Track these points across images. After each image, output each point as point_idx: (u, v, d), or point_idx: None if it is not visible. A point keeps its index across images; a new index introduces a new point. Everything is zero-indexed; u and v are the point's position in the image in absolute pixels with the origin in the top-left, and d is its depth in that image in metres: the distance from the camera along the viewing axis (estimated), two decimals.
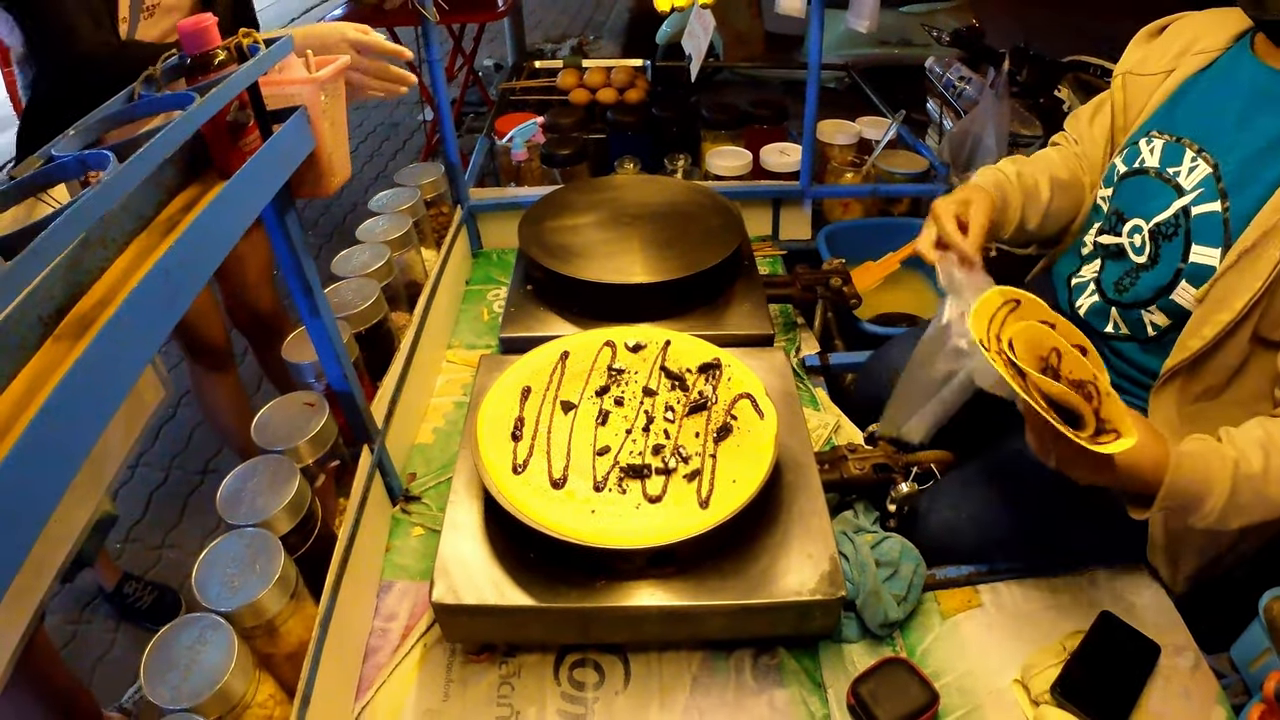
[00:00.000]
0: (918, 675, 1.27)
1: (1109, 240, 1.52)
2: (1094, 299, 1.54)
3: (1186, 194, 1.38)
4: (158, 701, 1.03)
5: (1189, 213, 1.37)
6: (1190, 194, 1.37)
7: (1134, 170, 1.50)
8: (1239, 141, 1.35)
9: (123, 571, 2.65)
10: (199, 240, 0.91)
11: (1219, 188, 1.34)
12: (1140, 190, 1.47)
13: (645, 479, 1.30)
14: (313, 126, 1.15)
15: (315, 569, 1.28)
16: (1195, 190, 1.37)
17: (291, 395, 1.47)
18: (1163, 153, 1.45)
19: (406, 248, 1.97)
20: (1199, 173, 1.38)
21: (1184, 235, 1.37)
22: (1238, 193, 1.32)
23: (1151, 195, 1.44)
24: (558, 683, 1.32)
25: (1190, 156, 1.40)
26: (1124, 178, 1.52)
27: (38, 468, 0.66)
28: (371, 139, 6.00)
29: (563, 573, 1.26)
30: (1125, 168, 1.52)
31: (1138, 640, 1.30)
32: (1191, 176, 1.39)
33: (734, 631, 1.31)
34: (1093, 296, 1.55)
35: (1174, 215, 1.39)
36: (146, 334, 0.82)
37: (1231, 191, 1.33)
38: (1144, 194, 1.46)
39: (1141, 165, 1.48)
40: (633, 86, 3.02)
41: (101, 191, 0.76)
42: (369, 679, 1.34)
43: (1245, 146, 1.34)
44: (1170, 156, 1.44)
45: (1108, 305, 1.51)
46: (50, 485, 0.68)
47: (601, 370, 1.49)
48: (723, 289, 1.86)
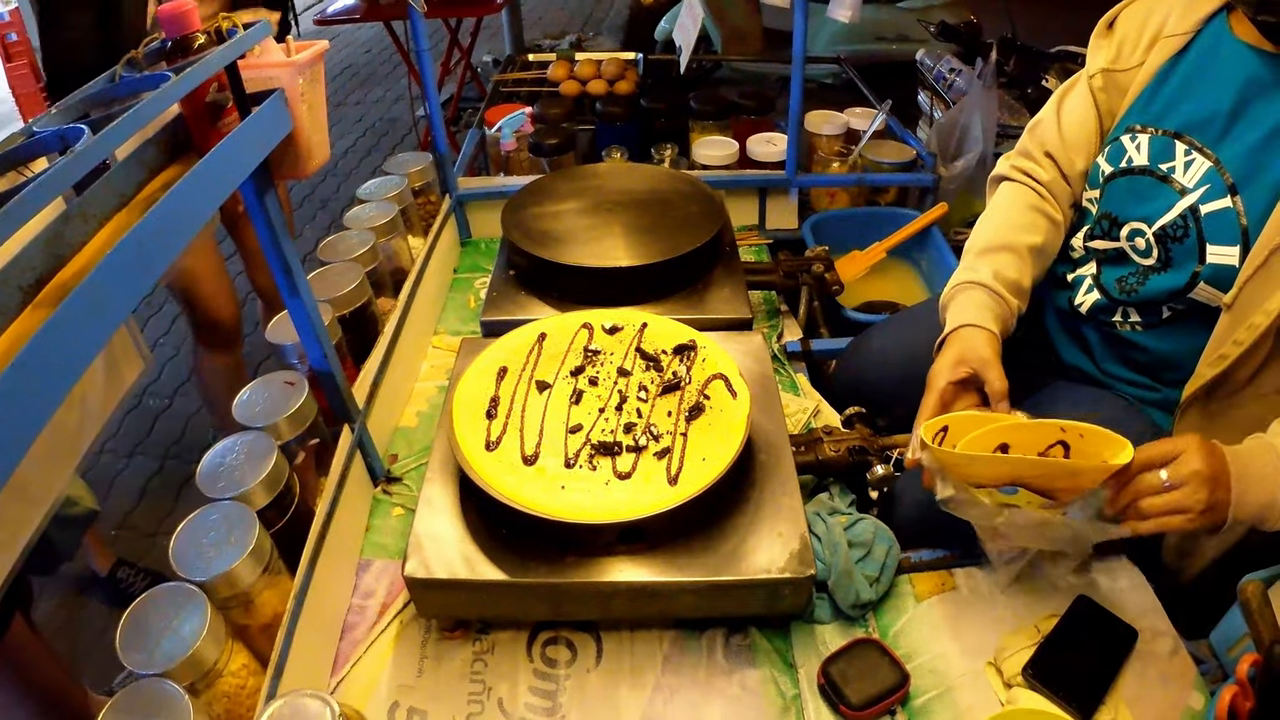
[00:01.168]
0: (888, 655, 1.28)
1: (1103, 245, 1.50)
2: (1096, 297, 1.52)
3: (1191, 192, 1.34)
4: (130, 666, 1.05)
5: (1197, 212, 1.33)
6: (1195, 192, 1.34)
7: (1122, 170, 1.45)
8: (1238, 132, 1.32)
9: (116, 557, 2.67)
10: (173, 213, 0.92)
11: (1226, 182, 1.31)
12: (1133, 191, 1.43)
13: (616, 456, 1.31)
14: (290, 108, 1.16)
15: (293, 544, 1.30)
16: (1200, 187, 1.33)
17: (273, 374, 1.49)
18: (1150, 149, 1.41)
19: (393, 234, 1.98)
20: (1198, 167, 1.34)
21: (1196, 236, 1.34)
22: (1248, 186, 1.29)
23: (1149, 196, 1.40)
24: (530, 660, 1.33)
25: (1183, 150, 1.37)
26: (1111, 178, 1.48)
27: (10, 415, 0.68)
28: (370, 134, 6.01)
29: (534, 548, 1.27)
30: (1111, 168, 1.47)
31: (1114, 624, 1.30)
32: (1191, 173, 1.35)
33: (704, 609, 1.33)
34: (1093, 294, 1.52)
35: (1180, 216, 1.35)
36: (119, 299, 0.83)
37: (1241, 185, 1.29)
38: (1139, 195, 1.42)
39: (1130, 164, 1.44)
40: (623, 79, 3.03)
41: (74, 160, 0.78)
42: (345, 655, 1.36)
43: (1246, 137, 1.30)
44: (1160, 152, 1.40)
45: (1114, 304, 1.49)
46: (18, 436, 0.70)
47: (578, 351, 1.50)
48: (702, 274, 1.87)
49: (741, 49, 4.79)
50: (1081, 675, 1.24)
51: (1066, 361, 1.63)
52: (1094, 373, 1.58)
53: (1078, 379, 1.61)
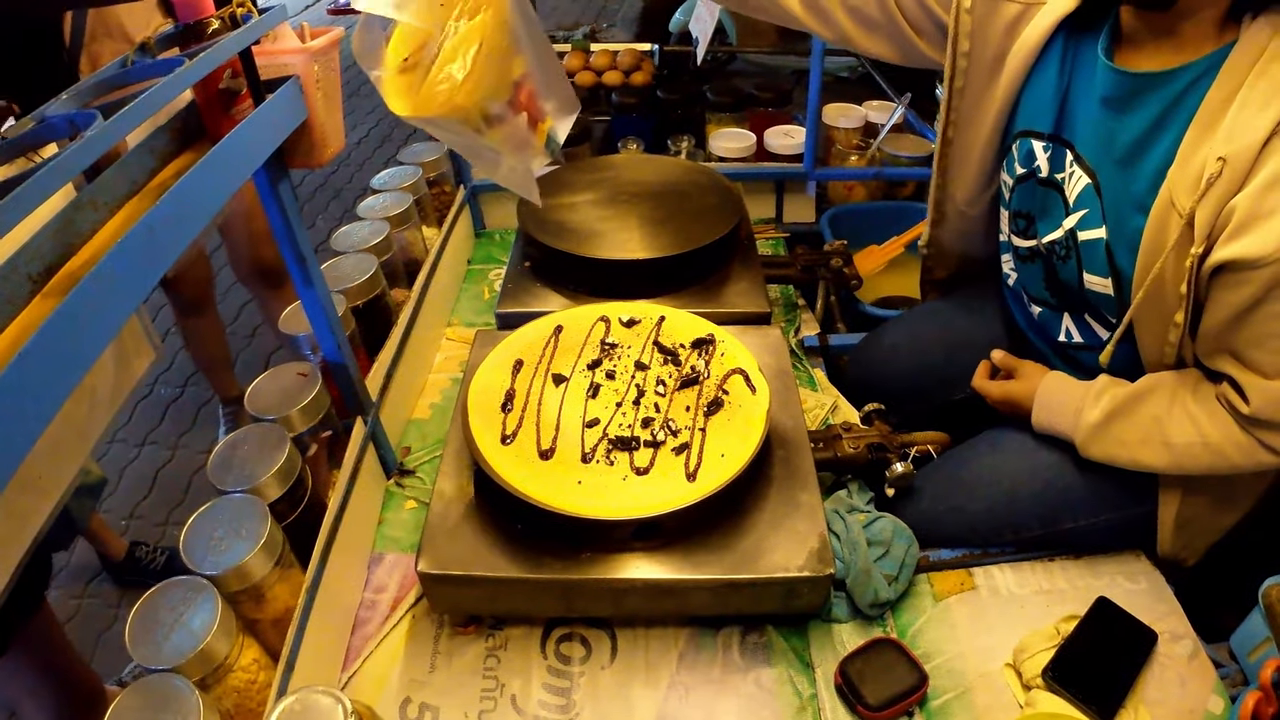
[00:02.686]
0: (907, 656, 1.27)
1: (1020, 243, 1.50)
2: (1039, 308, 1.52)
3: (1072, 212, 1.33)
4: (140, 661, 1.03)
5: (1076, 236, 1.33)
6: (1076, 213, 1.33)
7: (1027, 175, 1.43)
8: (1105, 149, 1.28)
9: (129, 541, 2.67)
10: (185, 201, 0.91)
11: (1101, 208, 1.29)
12: (1034, 195, 1.43)
13: (633, 451, 1.29)
14: (305, 96, 1.15)
15: (305, 537, 1.28)
16: (1080, 210, 1.32)
17: (285, 365, 1.47)
18: (1049, 157, 1.38)
19: (406, 224, 1.97)
20: (1079, 183, 1.32)
21: (1075, 260, 1.35)
22: (1113, 214, 1.27)
23: (1045, 206, 1.41)
24: (544, 656, 1.32)
25: (1070, 160, 1.34)
26: (1023, 179, 1.45)
27: (15, 409, 0.67)
28: (383, 124, 6.01)
29: (549, 544, 1.26)
30: (1023, 169, 1.44)
31: (1134, 627, 1.29)
32: (1074, 186, 1.33)
33: (720, 607, 1.31)
34: (1035, 306, 1.53)
35: (1064, 236, 1.35)
36: (129, 288, 0.82)
37: (1109, 214, 1.27)
38: (1040, 202, 1.42)
39: (1034, 168, 1.41)
40: (639, 70, 3.01)
41: (84, 145, 0.77)
42: (357, 649, 1.35)
43: (1111, 156, 1.27)
44: (1056, 161, 1.38)
45: (1056, 314, 1.48)
46: (27, 427, 0.69)
47: (595, 344, 1.49)
48: (720, 267, 1.85)
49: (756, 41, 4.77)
50: (1102, 678, 1.23)
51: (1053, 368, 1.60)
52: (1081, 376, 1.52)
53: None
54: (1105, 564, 1.43)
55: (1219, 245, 1.10)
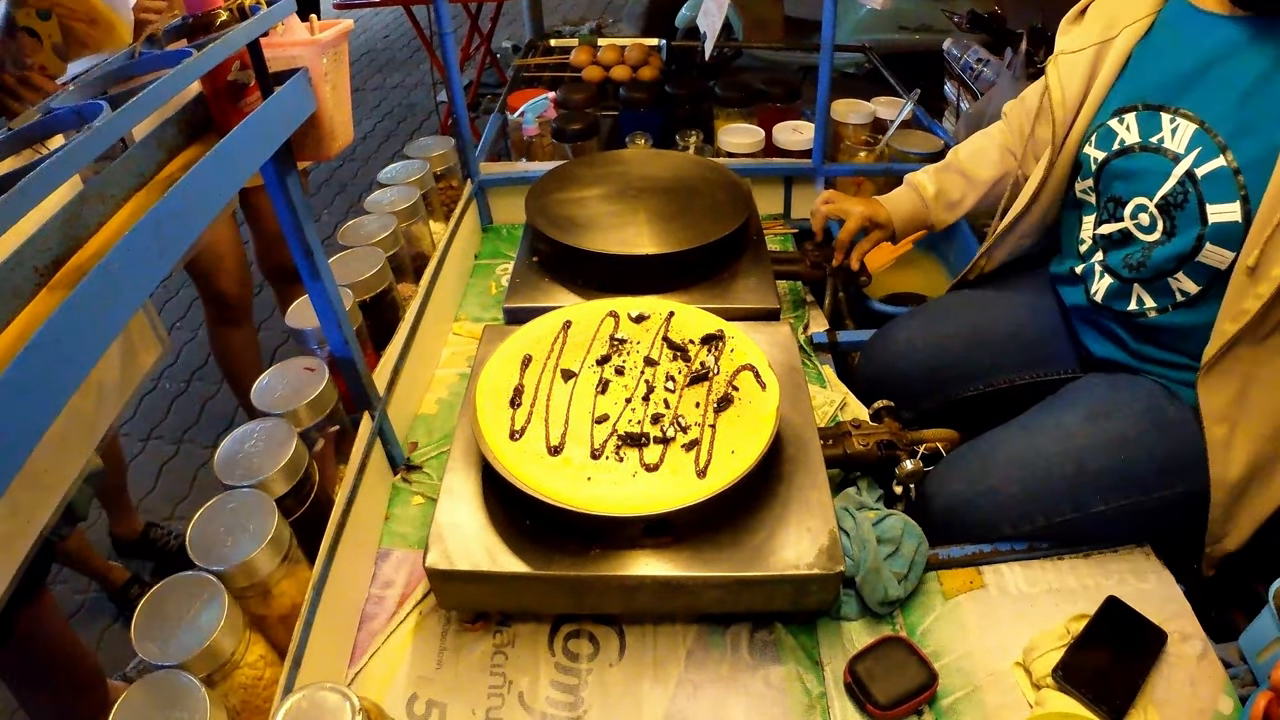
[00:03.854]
0: (916, 654, 1.26)
1: (1109, 229, 1.51)
2: (1109, 282, 1.53)
3: (1183, 158, 1.36)
4: (146, 657, 1.03)
5: (1194, 175, 1.35)
6: (1188, 156, 1.36)
7: (1117, 152, 1.48)
8: (1217, 92, 1.35)
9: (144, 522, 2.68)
10: (192, 194, 0.90)
11: (1215, 141, 1.33)
12: (1131, 169, 1.46)
13: (643, 447, 1.28)
14: (314, 88, 1.14)
15: (311, 533, 1.28)
16: (1191, 150, 1.36)
17: (292, 360, 1.47)
18: (1139, 125, 1.45)
19: (414, 219, 1.96)
20: (1185, 131, 1.37)
21: (1196, 199, 1.35)
22: (1237, 142, 1.31)
23: (1146, 171, 1.43)
24: (552, 653, 1.32)
25: (1168, 120, 1.40)
26: (1106, 163, 1.50)
27: (20, 404, 0.66)
28: (388, 119, 6.01)
29: (558, 540, 1.25)
30: (1103, 153, 1.51)
31: (1144, 626, 1.28)
32: (1178, 138, 1.38)
33: (730, 605, 1.30)
34: (1105, 279, 1.53)
35: (1179, 182, 1.37)
36: (136, 282, 0.81)
37: (1231, 143, 1.31)
38: (1137, 172, 1.45)
39: (1122, 146, 1.47)
40: (646, 64, 3.00)
41: (92, 137, 0.76)
42: (364, 645, 1.34)
43: (1226, 96, 1.33)
44: (1148, 127, 1.43)
45: (1126, 285, 1.49)
46: (32, 423, 0.68)
47: (603, 340, 1.48)
48: (729, 262, 1.85)
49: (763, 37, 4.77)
50: (1111, 678, 1.22)
51: (1098, 355, 1.63)
52: (1128, 360, 1.57)
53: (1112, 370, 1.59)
54: (1115, 562, 1.42)
55: None
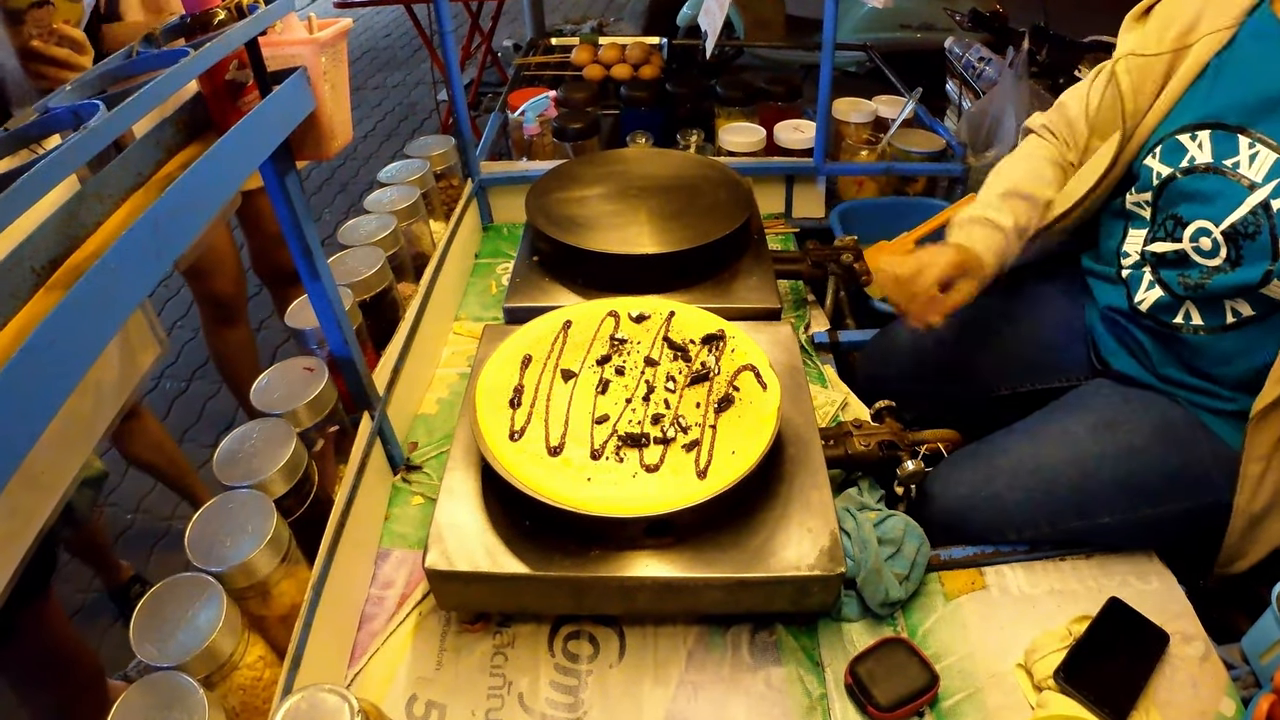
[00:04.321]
0: (918, 656, 1.25)
1: (1164, 248, 1.45)
2: (1159, 294, 1.47)
3: (1260, 187, 1.30)
4: (145, 659, 1.02)
5: (1270, 207, 1.29)
6: (1265, 186, 1.29)
7: (1184, 170, 1.41)
8: None
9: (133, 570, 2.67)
10: (190, 193, 0.89)
11: None
12: (1199, 190, 1.39)
13: (643, 448, 1.28)
14: (313, 87, 1.14)
15: (311, 533, 1.28)
16: (1270, 181, 1.29)
17: (292, 360, 1.47)
18: (1213, 145, 1.38)
19: (414, 218, 1.96)
20: (1265, 160, 1.30)
21: (1269, 233, 1.29)
22: None
23: (1215, 194, 1.36)
24: (551, 654, 1.31)
25: (1247, 144, 1.33)
26: (1170, 180, 1.44)
27: (16, 405, 0.66)
28: (389, 118, 6.01)
29: (558, 541, 1.25)
30: (1169, 168, 1.44)
31: (1146, 628, 1.28)
32: (1257, 166, 1.31)
33: (731, 606, 1.29)
34: (1155, 291, 1.47)
35: (1251, 212, 1.31)
36: (133, 282, 0.81)
37: None
38: (1204, 194, 1.38)
39: (1192, 164, 1.40)
40: (647, 63, 3.00)
41: (88, 136, 0.75)
42: (363, 646, 1.34)
43: None
44: (1223, 148, 1.36)
45: (1178, 301, 1.44)
46: (29, 424, 0.68)
47: (604, 340, 1.48)
48: (730, 262, 1.84)
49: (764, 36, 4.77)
50: (1114, 679, 1.21)
51: (1114, 368, 1.58)
52: (1148, 378, 1.52)
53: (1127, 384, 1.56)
54: (1117, 564, 1.42)
55: None
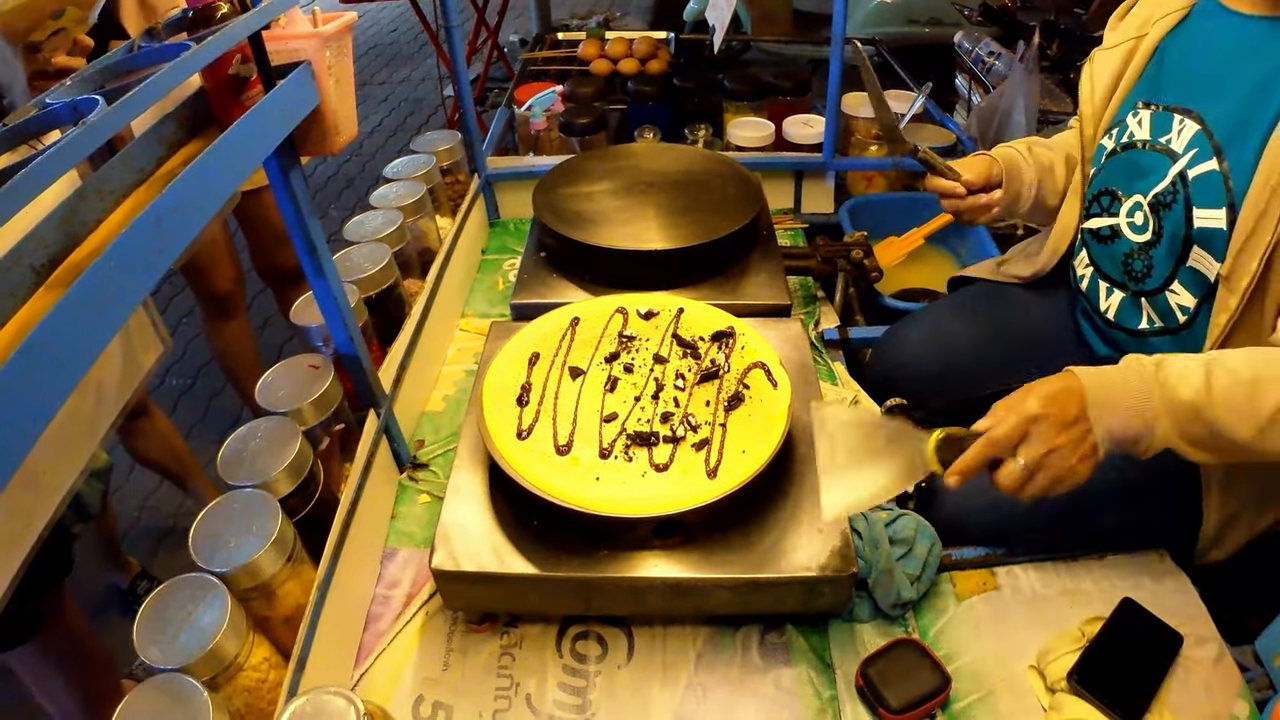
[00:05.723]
0: (930, 658, 1.24)
1: (1098, 224, 1.49)
2: (1118, 295, 1.48)
3: (1181, 157, 1.33)
4: (148, 660, 1.02)
5: (1186, 177, 1.31)
6: (1185, 156, 1.32)
7: (1124, 145, 1.45)
8: (1224, 94, 1.30)
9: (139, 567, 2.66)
10: (192, 188, 0.89)
11: (1212, 144, 1.29)
12: (1132, 165, 1.43)
13: (652, 447, 1.27)
14: (317, 82, 1.13)
15: (316, 533, 1.27)
16: (1189, 151, 1.32)
17: (297, 357, 1.46)
18: (1152, 124, 1.41)
19: (420, 214, 1.95)
20: (1188, 132, 1.33)
21: (1183, 201, 1.31)
22: (1232, 147, 1.27)
23: (1146, 169, 1.39)
24: (559, 655, 1.30)
25: (1178, 120, 1.36)
26: (1112, 155, 1.48)
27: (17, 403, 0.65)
28: (394, 114, 6.00)
29: (566, 541, 1.24)
30: (1112, 144, 1.48)
31: (1159, 629, 1.26)
32: (1182, 138, 1.34)
33: (740, 606, 1.28)
34: (1114, 294, 1.48)
35: (1171, 183, 1.34)
36: (135, 279, 0.80)
37: (1226, 147, 1.27)
38: (1138, 169, 1.41)
39: (1130, 139, 1.44)
40: (655, 58, 2.99)
41: (86, 132, 0.75)
42: (369, 646, 1.33)
43: (1231, 98, 1.29)
44: (1160, 126, 1.39)
45: (1136, 297, 1.44)
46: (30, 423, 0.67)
47: (612, 337, 1.47)
48: (739, 258, 1.83)
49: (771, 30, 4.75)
50: (1127, 681, 1.20)
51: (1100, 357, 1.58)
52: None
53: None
54: (1130, 565, 1.40)
55: None
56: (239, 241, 2.75)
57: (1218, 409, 1.08)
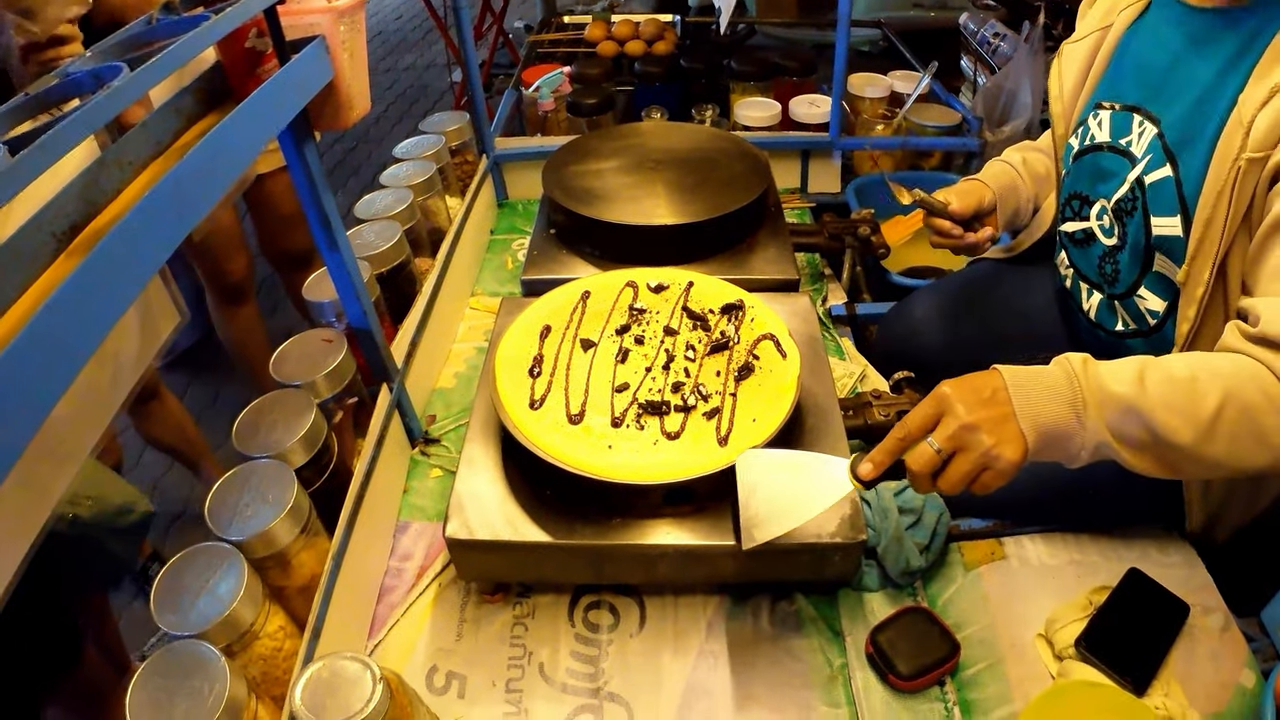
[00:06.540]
0: (939, 625, 1.25)
1: (1072, 227, 1.48)
2: (1097, 297, 1.48)
3: (1139, 161, 1.31)
4: (165, 628, 1.02)
5: (1143, 183, 1.29)
6: (1142, 161, 1.30)
7: (1087, 148, 1.43)
8: (1176, 95, 1.27)
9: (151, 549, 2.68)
10: (211, 156, 0.90)
11: (1165, 149, 1.26)
12: (1096, 168, 1.41)
13: (664, 416, 1.28)
14: (331, 57, 1.13)
15: (331, 505, 1.28)
16: (1146, 156, 1.30)
17: (310, 332, 1.47)
18: (1112, 124, 1.39)
19: (430, 193, 1.96)
20: (1147, 136, 1.30)
21: (1142, 209, 1.30)
22: (1183, 152, 1.24)
23: (1109, 172, 1.38)
24: (572, 624, 1.32)
25: (1138, 121, 1.33)
26: (1079, 157, 1.46)
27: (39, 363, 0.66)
28: (401, 101, 6.00)
29: (578, 509, 1.25)
30: (1079, 145, 1.46)
31: (1166, 599, 1.27)
32: (1141, 142, 1.31)
33: (751, 574, 1.30)
34: (1094, 295, 1.48)
35: (1130, 189, 1.32)
36: (154, 243, 0.82)
37: (1178, 151, 1.25)
38: (1101, 172, 1.40)
39: (1093, 142, 1.42)
40: (661, 39, 2.99)
41: (111, 96, 0.76)
42: (383, 618, 1.34)
43: (1183, 100, 1.26)
44: (1120, 127, 1.37)
45: (1110, 300, 1.44)
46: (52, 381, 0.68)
47: (623, 310, 1.48)
48: (748, 234, 1.84)
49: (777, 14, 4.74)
50: (1134, 649, 1.21)
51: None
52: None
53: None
54: (1137, 536, 1.41)
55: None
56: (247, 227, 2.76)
57: (1154, 406, 1.04)
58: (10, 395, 0.63)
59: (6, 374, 0.62)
